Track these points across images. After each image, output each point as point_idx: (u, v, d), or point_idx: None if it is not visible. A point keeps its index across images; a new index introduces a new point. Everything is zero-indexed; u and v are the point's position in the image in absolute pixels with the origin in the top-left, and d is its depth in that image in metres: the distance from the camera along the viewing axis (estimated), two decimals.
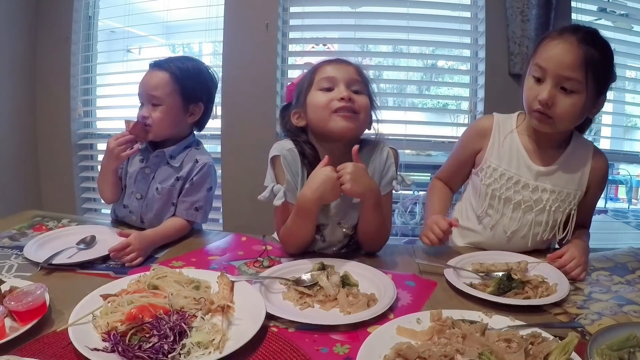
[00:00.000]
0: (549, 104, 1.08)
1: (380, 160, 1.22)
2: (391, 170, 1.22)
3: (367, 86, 1.20)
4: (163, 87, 1.33)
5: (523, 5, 2.09)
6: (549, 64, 1.07)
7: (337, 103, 1.12)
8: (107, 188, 1.41)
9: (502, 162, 1.21)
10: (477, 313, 0.84)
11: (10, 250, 1.17)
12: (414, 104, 2.92)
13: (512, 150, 1.21)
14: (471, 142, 1.30)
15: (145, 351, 0.70)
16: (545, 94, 1.07)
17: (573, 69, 1.05)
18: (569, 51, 1.06)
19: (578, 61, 1.05)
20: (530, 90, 1.13)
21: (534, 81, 1.12)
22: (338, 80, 1.15)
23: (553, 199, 1.18)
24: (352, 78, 1.16)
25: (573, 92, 1.07)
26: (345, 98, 1.12)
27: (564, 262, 1.06)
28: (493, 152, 1.23)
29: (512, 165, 1.20)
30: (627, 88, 2.79)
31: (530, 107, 1.14)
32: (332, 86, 1.15)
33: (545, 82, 1.09)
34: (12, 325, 0.78)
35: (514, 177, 1.19)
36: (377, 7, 2.46)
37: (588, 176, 1.19)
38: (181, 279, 0.92)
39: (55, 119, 2.60)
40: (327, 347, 0.76)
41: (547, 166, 1.18)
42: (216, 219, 2.49)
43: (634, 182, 5.00)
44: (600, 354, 0.68)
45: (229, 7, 2.34)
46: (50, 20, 2.53)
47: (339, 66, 1.18)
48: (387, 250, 1.23)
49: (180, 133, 1.41)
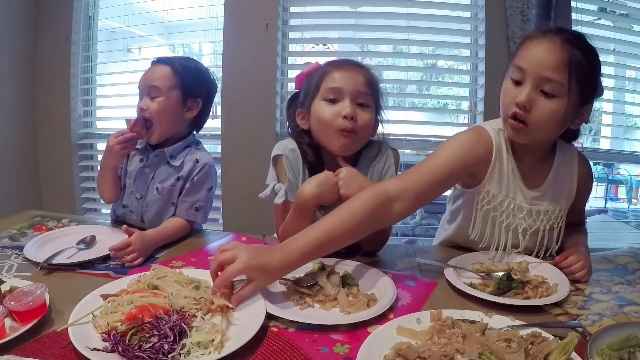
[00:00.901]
0: (527, 107, 0.99)
1: (381, 162, 1.22)
2: (390, 171, 1.22)
3: (375, 96, 1.17)
4: (164, 79, 1.34)
5: (523, 5, 2.09)
6: (528, 64, 0.99)
7: (340, 122, 1.11)
8: (106, 187, 1.41)
9: (501, 188, 1.12)
10: (477, 313, 0.84)
11: (10, 250, 1.17)
12: (414, 104, 2.92)
13: (509, 176, 1.12)
14: (473, 156, 1.09)
15: (145, 351, 0.70)
16: (524, 96, 0.98)
17: (555, 69, 0.96)
18: (551, 51, 0.97)
19: (561, 62, 0.96)
20: (507, 94, 1.03)
21: (512, 84, 1.03)
22: (344, 92, 1.12)
23: (547, 219, 1.13)
24: (359, 91, 1.13)
25: (554, 96, 0.98)
26: (347, 117, 1.11)
27: (570, 263, 1.05)
28: (493, 178, 1.11)
29: (510, 190, 1.12)
30: (627, 88, 2.79)
31: (506, 113, 1.04)
32: (338, 98, 1.13)
33: (524, 84, 1.00)
34: (12, 325, 0.78)
35: (512, 203, 1.12)
36: (377, 7, 2.46)
37: (576, 184, 1.15)
38: (181, 279, 0.92)
39: (55, 119, 2.60)
40: (327, 347, 0.76)
41: (538, 188, 1.13)
42: (216, 219, 2.49)
43: (634, 182, 5.01)
44: (601, 353, 0.68)
45: (229, 7, 2.34)
46: (50, 20, 2.54)
47: (347, 74, 1.14)
48: (387, 250, 1.22)
49: (179, 131, 1.41)
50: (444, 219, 1.38)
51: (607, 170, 4.86)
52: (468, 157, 1.08)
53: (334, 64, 1.18)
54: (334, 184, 1.10)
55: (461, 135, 1.13)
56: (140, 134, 1.33)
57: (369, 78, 1.16)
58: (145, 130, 1.34)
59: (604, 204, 4.76)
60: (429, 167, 1.05)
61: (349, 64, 1.18)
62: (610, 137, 3.12)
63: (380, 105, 1.20)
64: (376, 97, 1.18)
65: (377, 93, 1.18)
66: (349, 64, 1.18)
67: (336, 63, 1.19)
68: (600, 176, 4.95)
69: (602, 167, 4.73)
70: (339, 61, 1.20)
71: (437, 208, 2.42)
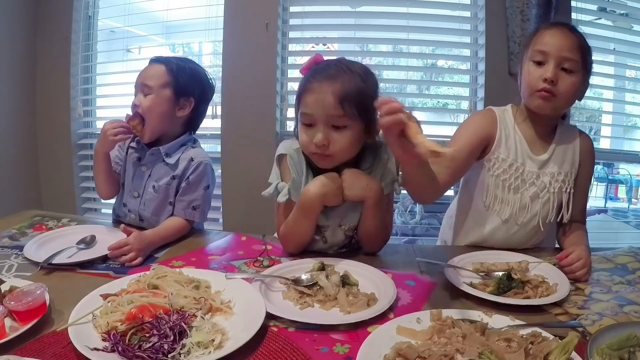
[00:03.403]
0: (555, 81, 1.16)
1: (381, 162, 1.20)
2: (391, 172, 1.20)
3: (355, 111, 1.05)
4: (157, 77, 1.35)
5: (523, 5, 2.09)
6: (550, 48, 1.17)
7: (313, 147, 1.08)
8: (99, 177, 1.41)
9: (510, 153, 1.26)
10: (477, 312, 0.84)
11: (10, 250, 1.17)
12: (414, 104, 2.92)
13: (516, 142, 1.26)
14: (485, 129, 1.26)
15: (145, 351, 0.70)
16: (551, 72, 1.16)
17: (572, 50, 1.16)
18: (567, 36, 1.17)
19: (575, 44, 1.17)
20: (533, 74, 1.19)
21: (535, 65, 1.20)
22: (317, 119, 1.07)
23: (554, 182, 1.25)
24: (331, 114, 1.05)
25: (572, 72, 1.17)
26: (318, 145, 1.06)
27: (571, 261, 1.07)
28: (501, 144, 1.26)
29: (518, 155, 1.26)
30: (627, 87, 2.79)
31: (534, 88, 1.19)
32: (312, 123, 1.08)
33: (548, 64, 1.17)
34: (12, 325, 0.78)
35: (520, 167, 1.25)
36: (377, 6, 2.46)
37: (579, 154, 1.28)
38: (181, 278, 0.92)
39: (55, 119, 2.60)
40: (327, 347, 0.76)
41: (544, 154, 1.26)
42: (216, 219, 2.49)
43: (634, 181, 5.01)
44: (601, 353, 0.68)
45: (229, 7, 2.34)
46: (50, 19, 2.53)
47: (318, 98, 1.05)
48: (387, 250, 1.22)
49: (172, 129, 1.41)
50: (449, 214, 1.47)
51: (607, 170, 4.87)
52: (482, 118, 1.30)
53: (311, 81, 1.09)
54: (339, 185, 1.10)
55: (470, 117, 1.38)
56: (137, 128, 1.34)
57: (343, 95, 1.04)
58: (141, 126, 1.35)
59: (604, 204, 4.76)
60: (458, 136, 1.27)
61: (325, 80, 1.06)
62: (610, 137, 3.12)
63: (369, 117, 1.08)
64: (357, 112, 1.06)
65: (359, 107, 1.06)
66: (325, 79, 1.07)
67: (314, 79, 1.08)
68: (600, 176, 4.95)
69: (602, 167, 4.73)
70: (316, 75, 1.09)
71: (437, 208, 2.43)
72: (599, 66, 2.43)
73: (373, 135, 1.14)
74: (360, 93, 1.06)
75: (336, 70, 1.08)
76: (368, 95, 1.07)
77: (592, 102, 2.96)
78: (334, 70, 1.08)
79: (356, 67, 1.11)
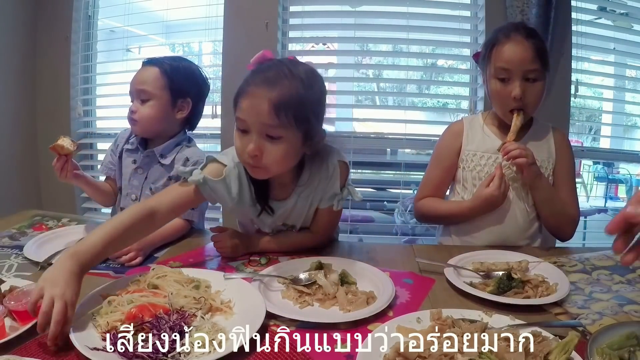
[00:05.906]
0: (523, 96, 1.22)
1: (326, 174, 1.12)
2: (335, 187, 1.13)
3: (292, 121, 0.97)
4: (152, 81, 1.34)
5: (523, 5, 2.09)
6: (511, 65, 1.22)
7: (245, 156, 1.00)
8: (89, 194, 1.45)
9: (479, 147, 1.33)
10: (477, 312, 0.84)
11: (10, 249, 1.17)
12: (414, 103, 2.92)
13: (485, 137, 1.34)
14: (451, 144, 1.37)
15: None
16: (518, 90, 1.21)
17: (533, 61, 1.21)
18: (525, 47, 1.21)
19: (534, 54, 1.21)
20: (501, 93, 1.25)
21: (500, 82, 1.25)
22: (250, 126, 0.98)
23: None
24: (265, 123, 0.96)
25: (536, 80, 1.23)
26: (250, 154, 0.98)
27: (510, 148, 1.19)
28: (468, 142, 1.35)
29: (487, 147, 1.32)
30: (627, 87, 2.79)
31: (505, 107, 1.26)
32: (247, 130, 0.99)
33: (513, 80, 1.23)
34: (12, 325, 0.78)
35: (492, 157, 1.31)
36: (377, 6, 2.46)
37: (554, 146, 1.33)
38: (181, 278, 0.92)
39: (55, 119, 2.59)
40: (327, 346, 0.76)
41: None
42: (216, 219, 2.49)
43: (634, 181, 5.01)
44: (601, 353, 0.68)
45: (229, 6, 2.34)
46: (50, 19, 2.53)
47: (253, 103, 0.97)
48: (387, 250, 1.23)
49: (169, 130, 1.41)
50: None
51: (607, 170, 4.87)
52: (446, 134, 1.40)
53: (249, 84, 1.00)
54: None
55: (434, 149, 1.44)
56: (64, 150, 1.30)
57: (279, 105, 0.95)
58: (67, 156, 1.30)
59: (603, 203, 4.75)
60: (430, 168, 1.41)
61: (259, 88, 0.97)
62: (610, 137, 3.12)
63: (308, 127, 1.01)
64: (297, 120, 0.98)
65: (294, 116, 0.97)
66: (259, 86, 0.98)
67: (252, 80, 1.00)
68: (600, 175, 4.95)
69: (602, 167, 4.73)
70: (255, 77, 1.01)
71: None
72: (599, 66, 2.43)
73: (312, 146, 1.06)
74: (300, 101, 0.97)
75: (275, 74, 0.98)
76: (309, 103, 1.00)
77: (592, 102, 2.96)
78: (273, 74, 0.99)
79: (300, 70, 1.01)
